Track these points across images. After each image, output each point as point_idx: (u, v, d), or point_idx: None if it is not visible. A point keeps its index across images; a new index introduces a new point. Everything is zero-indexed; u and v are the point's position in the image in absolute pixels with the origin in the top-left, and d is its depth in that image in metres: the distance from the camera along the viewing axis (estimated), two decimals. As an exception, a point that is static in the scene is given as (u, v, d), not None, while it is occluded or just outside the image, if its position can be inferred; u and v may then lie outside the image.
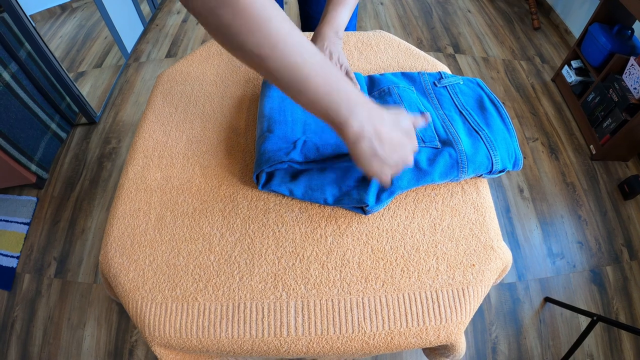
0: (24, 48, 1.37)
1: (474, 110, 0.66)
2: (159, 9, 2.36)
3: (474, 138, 0.61)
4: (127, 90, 1.86)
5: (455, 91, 0.70)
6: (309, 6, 1.01)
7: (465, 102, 0.68)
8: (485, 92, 0.69)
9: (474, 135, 0.62)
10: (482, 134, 0.61)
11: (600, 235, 1.44)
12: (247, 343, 0.49)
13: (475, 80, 0.72)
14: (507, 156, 0.60)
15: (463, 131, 0.62)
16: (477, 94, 0.69)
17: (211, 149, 0.65)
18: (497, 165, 0.59)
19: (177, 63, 0.80)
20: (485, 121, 0.64)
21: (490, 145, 0.60)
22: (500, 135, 0.62)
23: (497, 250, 0.55)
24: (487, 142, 0.60)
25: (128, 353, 1.17)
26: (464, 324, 0.50)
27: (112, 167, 1.58)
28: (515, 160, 0.61)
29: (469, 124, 0.64)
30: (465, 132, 0.62)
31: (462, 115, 0.65)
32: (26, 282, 1.29)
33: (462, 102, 0.68)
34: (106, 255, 0.55)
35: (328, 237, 0.55)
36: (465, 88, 0.70)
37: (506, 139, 0.62)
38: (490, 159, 0.59)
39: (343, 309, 0.50)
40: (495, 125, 0.63)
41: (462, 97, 0.69)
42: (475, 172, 0.59)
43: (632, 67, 1.46)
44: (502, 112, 0.66)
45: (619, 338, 1.23)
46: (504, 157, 0.60)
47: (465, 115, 0.65)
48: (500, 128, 0.63)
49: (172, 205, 0.59)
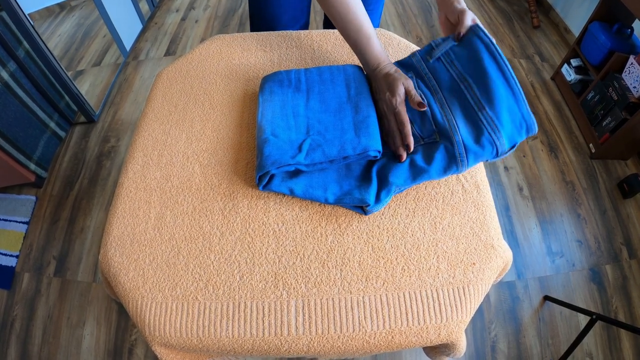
0: (22, 47, 1.36)
1: (473, 76, 0.59)
2: (157, 7, 2.35)
3: (473, 123, 0.56)
4: (126, 88, 1.86)
5: (450, 59, 0.63)
6: None
7: (463, 68, 0.61)
8: (483, 43, 0.60)
9: (474, 117, 0.57)
10: (482, 115, 0.56)
11: (600, 234, 1.45)
12: (247, 342, 0.49)
13: (469, 32, 0.62)
14: (515, 128, 0.55)
15: (462, 115, 0.58)
16: (475, 50, 0.60)
17: (211, 148, 0.65)
18: (503, 147, 0.55)
19: (176, 61, 0.79)
20: (486, 92, 0.57)
21: (492, 127, 0.55)
22: (505, 104, 0.56)
23: (498, 249, 0.55)
24: (488, 124, 0.55)
25: (127, 352, 1.17)
26: (464, 322, 0.50)
27: (111, 165, 1.58)
28: (526, 127, 0.55)
29: (468, 103, 0.58)
30: (464, 116, 0.57)
31: (460, 91, 0.59)
32: (25, 281, 1.29)
33: (459, 70, 0.61)
34: (106, 255, 0.55)
35: (328, 236, 0.55)
36: (461, 50, 0.62)
37: (512, 107, 0.56)
38: (493, 144, 0.54)
39: (344, 308, 0.50)
40: (498, 92, 0.56)
41: (459, 64, 0.62)
42: (477, 160, 0.56)
43: (631, 66, 1.46)
44: (505, 70, 0.57)
45: (618, 337, 1.23)
46: (512, 132, 0.55)
47: (464, 89, 0.59)
48: (503, 95, 0.56)
49: (172, 204, 0.58)
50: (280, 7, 0.91)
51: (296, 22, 0.97)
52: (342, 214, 0.57)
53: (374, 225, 0.56)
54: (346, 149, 0.57)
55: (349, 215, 0.57)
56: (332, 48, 0.81)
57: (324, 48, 0.81)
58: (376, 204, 0.54)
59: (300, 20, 0.99)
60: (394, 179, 0.55)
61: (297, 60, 0.79)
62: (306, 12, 0.99)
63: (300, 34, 0.84)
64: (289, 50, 0.81)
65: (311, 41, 0.83)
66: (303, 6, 0.96)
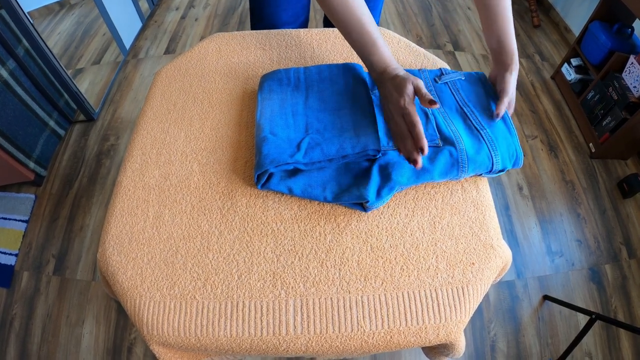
0: (21, 45, 1.36)
1: (475, 107, 0.65)
2: (157, 5, 2.35)
3: (475, 137, 0.60)
4: (125, 87, 1.85)
5: (456, 87, 0.68)
6: None
7: (467, 98, 0.67)
8: (487, 87, 0.68)
9: (475, 134, 0.61)
10: (483, 133, 0.61)
11: (599, 234, 1.45)
12: (245, 342, 0.48)
13: (477, 74, 0.71)
14: (508, 156, 0.60)
15: (464, 129, 0.61)
16: (479, 89, 0.68)
17: (210, 146, 0.64)
18: (498, 165, 0.58)
19: (175, 60, 0.79)
20: (487, 119, 0.63)
21: (491, 145, 0.59)
22: (501, 133, 0.61)
23: (497, 249, 0.55)
24: (488, 142, 0.59)
25: (127, 350, 1.17)
26: (463, 322, 0.50)
27: (111, 164, 1.58)
28: (515, 159, 0.61)
29: (470, 122, 0.63)
30: (466, 131, 0.61)
31: (463, 113, 0.64)
32: (25, 279, 1.29)
33: (463, 98, 0.66)
34: (104, 253, 0.54)
35: (327, 235, 0.55)
36: (467, 84, 0.69)
37: (507, 138, 0.61)
38: (491, 159, 0.58)
39: (342, 308, 0.50)
40: (496, 123, 0.63)
41: (464, 93, 0.67)
42: (475, 171, 0.58)
43: (632, 66, 1.46)
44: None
45: (617, 336, 1.23)
46: (505, 156, 0.59)
47: (467, 112, 0.64)
48: (501, 126, 0.63)
49: (171, 202, 0.58)
50: (280, 5, 0.91)
51: (296, 20, 0.97)
52: (341, 213, 0.57)
53: (373, 225, 0.56)
54: (345, 148, 0.56)
55: (348, 215, 0.57)
56: (332, 47, 0.81)
57: (324, 47, 0.81)
58: (377, 200, 0.54)
59: (300, 18, 0.99)
60: (398, 177, 0.55)
61: (296, 58, 0.79)
62: (306, 10, 0.99)
63: (299, 33, 0.84)
64: (288, 49, 0.81)
65: (310, 40, 0.82)
66: (303, 4, 0.96)
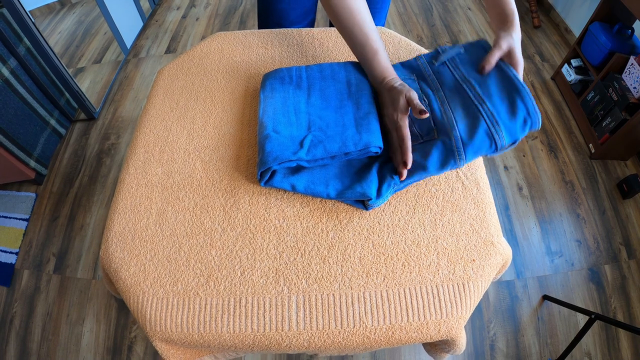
0: (23, 44, 1.36)
1: (476, 80, 0.61)
2: (158, 4, 2.35)
3: (472, 116, 0.57)
4: (126, 86, 1.86)
5: (455, 64, 0.65)
6: None
7: (467, 72, 0.63)
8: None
9: (473, 111, 0.57)
10: (482, 109, 0.57)
11: (599, 234, 1.45)
12: (248, 337, 0.49)
13: (479, 42, 0.65)
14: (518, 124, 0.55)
15: (461, 111, 0.58)
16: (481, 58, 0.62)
17: (212, 144, 0.65)
18: (502, 140, 0.55)
19: (177, 58, 0.79)
20: (488, 88, 0.59)
21: (491, 120, 0.55)
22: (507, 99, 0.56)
23: (497, 246, 0.55)
24: (487, 117, 0.55)
25: (127, 349, 1.17)
26: (464, 318, 0.50)
27: (111, 163, 1.58)
28: (531, 123, 0.55)
29: (470, 100, 0.59)
30: (463, 112, 0.58)
31: (463, 90, 0.61)
32: (25, 278, 1.29)
33: (463, 74, 0.63)
34: (107, 250, 0.55)
35: (329, 232, 0.55)
36: (467, 56, 0.65)
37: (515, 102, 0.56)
38: (491, 137, 0.55)
39: (344, 304, 0.50)
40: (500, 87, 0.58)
41: (464, 69, 0.64)
42: (476, 154, 0.56)
43: (632, 67, 1.47)
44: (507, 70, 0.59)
45: (616, 336, 1.24)
46: (512, 127, 0.55)
47: (467, 88, 0.60)
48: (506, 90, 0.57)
49: (173, 200, 0.58)
50: (289, 3, 0.91)
51: (304, 19, 0.97)
52: (342, 210, 0.57)
53: (374, 222, 0.56)
54: (347, 145, 0.57)
55: (350, 212, 0.57)
56: (334, 46, 0.81)
57: (325, 46, 0.81)
58: (377, 198, 0.54)
59: (308, 17, 0.99)
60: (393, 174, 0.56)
61: (298, 57, 0.79)
62: (314, 9, 0.99)
63: (301, 32, 0.84)
64: (290, 48, 0.81)
65: (312, 39, 0.83)
66: (312, 3, 0.96)
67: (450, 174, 0.62)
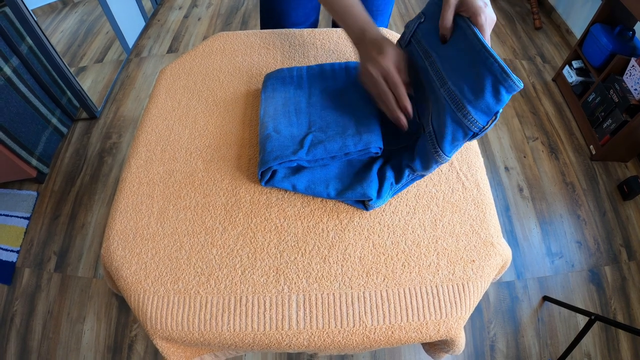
0: (25, 42, 1.37)
1: (438, 52, 0.52)
2: (160, 4, 2.36)
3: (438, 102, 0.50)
4: (128, 85, 1.86)
5: (417, 38, 0.57)
6: None
7: (429, 45, 0.54)
8: None
9: (438, 95, 0.50)
10: (444, 91, 0.49)
11: (599, 235, 1.45)
12: (248, 336, 0.49)
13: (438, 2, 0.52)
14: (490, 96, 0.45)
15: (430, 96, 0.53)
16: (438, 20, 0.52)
17: (214, 143, 0.65)
18: (475, 125, 0.46)
19: (179, 58, 0.80)
20: (449, 62, 0.50)
21: (456, 103, 0.47)
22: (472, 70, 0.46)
23: (497, 247, 0.55)
24: (452, 100, 0.48)
25: (127, 348, 1.17)
26: (463, 319, 0.51)
27: (113, 162, 1.58)
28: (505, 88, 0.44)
29: (434, 82, 0.52)
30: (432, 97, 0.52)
31: (427, 72, 0.54)
32: (26, 276, 1.30)
33: (425, 47, 0.55)
34: (108, 249, 0.55)
35: (330, 232, 0.55)
36: (427, 24, 0.55)
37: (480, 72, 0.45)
38: (460, 122, 0.47)
39: (344, 303, 0.50)
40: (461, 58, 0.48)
41: (426, 41, 0.55)
42: (455, 145, 0.49)
43: (632, 68, 1.47)
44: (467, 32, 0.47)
45: (616, 338, 1.24)
46: (484, 101, 0.45)
47: (429, 66, 0.53)
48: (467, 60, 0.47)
49: (175, 198, 0.59)
50: (290, 4, 0.91)
51: (306, 20, 0.97)
52: (343, 210, 0.57)
53: (375, 222, 0.56)
54: (348, 145, 0.57)
55: (351, 212, 0.57)
56: (335, 46, 0.82)
57: (327, 46, 0.82)
58: (378, 199, 0.54)
59: (311, 18, 0.99)
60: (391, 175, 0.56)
61: (300, 58, 0.79)
62: (317, 10, 0.99)
63: (303, 32, 0.84)
64: (292, 49, 0.81)
65: (314, 39, 0.83)
66: (314, 4, 0.96)
67: (450, 175, 0.62)
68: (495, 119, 0.46)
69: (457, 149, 0.51)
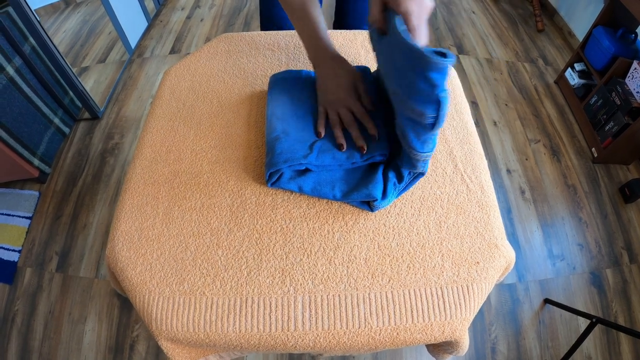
0: (28, 42, 1.37)
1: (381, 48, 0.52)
2: (163, 5, 2.36)
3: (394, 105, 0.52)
4: (130, 85, 1.86)
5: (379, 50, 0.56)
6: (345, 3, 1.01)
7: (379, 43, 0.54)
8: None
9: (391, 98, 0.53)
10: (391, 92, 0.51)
11: (601, 238, 1.45)
12: (254, 337, 0.49)
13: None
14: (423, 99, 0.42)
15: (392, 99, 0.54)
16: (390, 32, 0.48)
17: (219, 144, 0.65)
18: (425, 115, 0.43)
19: (184, 59, 0.80)
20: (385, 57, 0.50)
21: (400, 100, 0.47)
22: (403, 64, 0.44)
23: (501, 249, 0.56)
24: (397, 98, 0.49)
25: (129, 348, 1.17)
26: (468, 320, 0.51)
27: (115, 162, 1.58)
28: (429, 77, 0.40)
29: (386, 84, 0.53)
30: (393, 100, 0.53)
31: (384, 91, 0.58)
32: (27, 276, 1.29)
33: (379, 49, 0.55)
34: (113, 249, 0.55)
35: (335, 233, 0.56)
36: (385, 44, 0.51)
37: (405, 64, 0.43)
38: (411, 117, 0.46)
39: (350, 305, 0.50)
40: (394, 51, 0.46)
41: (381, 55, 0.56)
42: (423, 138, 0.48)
43: (635, 71, 1.47)
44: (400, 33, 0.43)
45: (617, 340, 1.24)
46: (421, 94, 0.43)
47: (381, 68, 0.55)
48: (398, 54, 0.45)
49: (180, 199, 0.59)
50: None
51: None
52: (348, 212, 0.57)
53: (380, 224, 0.57)
54: (355, 155, 0.57)
55: (356, 214, 0.57)
56: (339, 49, 0.82)
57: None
58: (383, 199, 0.55)
59: None
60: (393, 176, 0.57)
61: (305, 59, 0.80)
62: None
63: (307, 34, 0.84)
64: (296, 50, 0.81)
65: (318, 41, 0.83)
66: None
67: (455, 177, 0.62)
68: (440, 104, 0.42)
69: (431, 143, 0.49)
